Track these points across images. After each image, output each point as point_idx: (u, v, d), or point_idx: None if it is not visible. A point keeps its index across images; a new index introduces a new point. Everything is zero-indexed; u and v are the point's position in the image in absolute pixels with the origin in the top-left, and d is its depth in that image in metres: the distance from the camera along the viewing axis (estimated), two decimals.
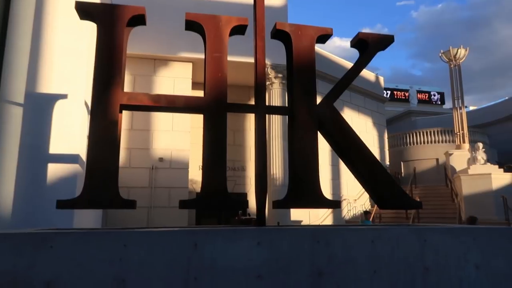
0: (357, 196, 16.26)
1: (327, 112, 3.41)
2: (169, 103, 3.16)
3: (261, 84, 3.37)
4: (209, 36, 3.28)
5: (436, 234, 2.95)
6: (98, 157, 2.93)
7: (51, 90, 4.91)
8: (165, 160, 10.36)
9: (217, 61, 3.26)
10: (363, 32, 3.68)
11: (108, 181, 2.92)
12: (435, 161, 19.18)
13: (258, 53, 3.41)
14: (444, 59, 17.93)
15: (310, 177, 3.22)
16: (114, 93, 3.02)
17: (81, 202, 2.86)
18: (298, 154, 3.25)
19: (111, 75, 3.05)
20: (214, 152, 3.11)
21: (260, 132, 3.22)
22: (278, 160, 10.95)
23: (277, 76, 10.91)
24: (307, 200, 3.22)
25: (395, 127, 27.82)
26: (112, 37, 3.11)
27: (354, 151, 3.42)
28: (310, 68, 3.51)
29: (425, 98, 41.19)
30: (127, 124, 10.39)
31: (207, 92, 3.20)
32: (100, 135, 2.97)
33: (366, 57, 3.65)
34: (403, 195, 3.46)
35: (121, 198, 2.95)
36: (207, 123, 3.14)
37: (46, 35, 5.06)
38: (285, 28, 3.49)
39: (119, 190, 2.97)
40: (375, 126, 17.76)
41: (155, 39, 10.10)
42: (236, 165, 13.51)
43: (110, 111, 2.99)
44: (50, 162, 4.90)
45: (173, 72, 10.63)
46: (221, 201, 3.04)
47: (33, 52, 4.86)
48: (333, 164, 15.06)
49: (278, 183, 10.89)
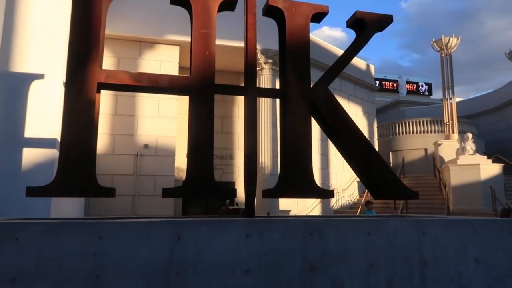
0: (346, 186, 16.22)
1: (321, 95, 3.20)
2: (151, 83, 2.91)
3: (251, 64, 3.13)
4: (196, 11, 3.02)
5: (435, 226, 2.79)
6: (73, 140, 2.68)
7: (27, 69, 4.58)
8: (151, 147, 10.06)
9: (205, 37, 3.01)
10: (360, 11, 3.46)
11: (83, 167, 2.66)
12: (424, 151, 19.22)
13: (249, 30, 3.16)
14: (436, 48, 17.84)
15: (302, 164, 3.03)
16: (90, 70, 2.75)
17: (53, 189, 2.61)
18: (290, 139, 3.05)
19: (87, 51, 2.78)
20: (200, 136, 2.88)
21: (250, 116, 2.99)
22: (267, 148, 10.75)
23: (267, 61, 10.64)
24: (299, 189, 3.03)
25: (384, 116, 27.86)
26: (88, 9, 2.83)
27: (349, 136, 3.24)
28: (304, 48, 3.28)
29: (413, 89, 41.42)
30: (110, 109, 10.04)
31: (193, 72, 2.95)
32: (75, 116, 2.70)
33: (364, 37, 3.44)
34: (399, 184, 3.29)
35: (98, 186, 2.70)
36: (193, 105, 2.91)
37: (21, 10, 4.70)
38: (278, 4, 3.24)
39: (102, 177, 2.72)
40: (365, 115, 17.67)
41: (141, 20, 9.71)
42: (224, 153, 13.27)
43: (86, 90, 2.73)
44: (25, 147, 4.60)
45: (159, 55, 10.27)
46: (207, 189, 2.82)
47: (6, 28, 4.52)
48: (322, 153, 14.95)
49: (267, 172, 10.71)
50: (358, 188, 16.67)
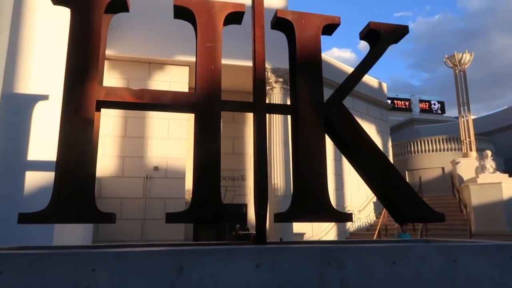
0: (362, 207, 15.75)
1: (336, 111, 2.98)
2: (154, 100, 2.73)
3: (260, 79, 2.94)
4: (201, 24, 2.87)
5: (467, 253, 2.49)
6: (69, 162, 2.49)
7: (30, 90, 4.50)
8: (160, 169, 9.89)
9: (210, 51, 2.85)
10: (374, 22, 3.27)
11: (80, 191, 2.47)
12: (441, 170, 18.68)
13: (257, 43, 2.99)
14: (449, 65, 17.54)
15: (317, 185, 2.79)
16: (89, 87, 2.59)
17: (47, 216, 2.41)
18: (303, 158, 2.82)
19: (86, 67, 2.62)
20: (206, 156, 2.68)
21: (260, 134, 2.78)
22: (280, 169, 10.48)
23: (278, 80, 10.51)
24: (315, 212, 2.78)
25: (398, 135, 27.42)
26: (88, 23, 2.69)
27: (366, 155, 2.99)
28: (316, 61, 3.09)
29: (426, 108, 40.97)
30: (120, 131, 9.96)
31: (198, 87, 2.77)
32: (72, 136, 2.53)
33: (378, 49, 3.24)
34: (423, 206, 3.01)
35: (97, 211, 2.50)
36: (198, 123, 2.72)
37: (26, 31, 4.66)
38: (287, 16, 3.08)
39: (111, 201, 2.52)
40: (379, 134, 17.32)
41: (150, 42, 9.72)
42: (236, 175, 13.03)
43: (84, 108, 2.56)
44: (28, 170, 4.46)
45: (168, 76, 10.24)
46: (214, 213, 2.59)
47: (11, 49, 4.46)
48: (336, 173, 14.58)
49: (280, 194, 10.40)
50: (375, 209, 16.18)
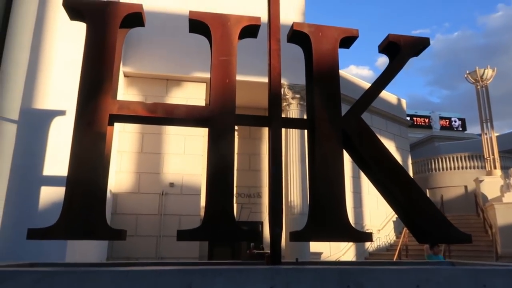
0: (381, 226, 15.33)
1: (354, 125, 2.87)
2: (167, 114, 2.68)
3: (276, 93, 2.87)
4: (215, 37, 2.83)
5: (498, 277, 2.31)
6: (80, 177, 2.45)
7: (47, 106, 4.54)
8: (176, 186, 9.86)
9: (225, 65, 2.80)
10: (393, 34, 3.18)
11: (91, 207, 2.41)
12: (464, 188, 18.11)
13: (273, 57, 2.93)
14: (470, 80, 17.19)
15: (335, 203, 2.66)
16: (102, 101, 2.56)
17: (56, 232, 2.36)
18: (320, 174, 2.70)
19: (100, 81, 2.60)
20: (219, 171, 2.60)
21: (275, 148, 2.69)
22: (296, 186, 10.31)
23: (295, 96, 10.44)
24: (332, 231, 2.65)
25: (418, 152, 26.86)
26: (102, 37, 2.68)
27: (387, 171, 2.86)
28: (333, 74, 3.01)
29: (446, 125, 40.20)
30: (137, 147, 10.02)
31: (212, 101, 2.72)
32: (84, 150, 2.49)
33: (398, 62, 3.14)
34: (448, 225, 2.84)
35: (107, 228, 2.44)
36: (212, 137, 2.65)
37: (45, 48, 4.75)
38: (304, 29, 3.02)
39: (126, 217, 2.47)
40: (398, 151, 16.99)
41: (167, 59, 9.84)
42: (252, 192, 12.89)
43: (97, 122, 2.53)
44: (43, 185, 4.46)
45: (185, 92, 10.31)
46: (226, 231, 2.49)
47: (31, 65, 4.54)
48: (354, 191, 14.28)
49: (297, 211, 10.20)
50: (395, 228, 15.73)
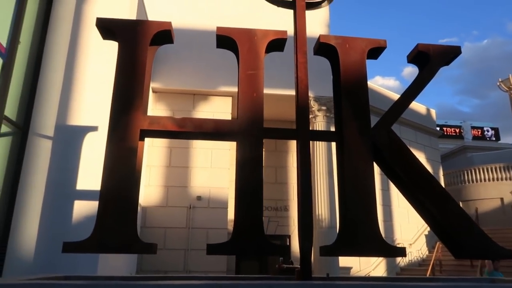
0: (413, 240, 14.85)
1: (384, 137, 2.82)
2: (196, 128, 2.72)
3: (303, 105, 2.86)
4: (243, 52, 2.86)
5: None
6: (113, 192, 2.50)
7: (81, 122, 4.71)
8: (203, 199, 9.92)
9: (252, 79, 2.82)
10: (422, 43, 3.12)
11: (123, 221, 2.46)
12: (500, 201, 17.35)
13: (300, 70, 2.94)
14: (503, 88, 16.65)
15: (366, 217, 2.60)
16: (133, 117, 2.63)
17: (89, 245, 2.41)
18: (350, 188, 2.66)
19: (131, 97, 2.67)
20: (248, 185, 2.60)
21: (304, 161, 2.67)
22: (324, 199, 10.16)
23: (321, 108, 10.38)
24: (364, 246, 2.58)
25: (449, 164, 26.00)
26: (134, 55, 2.76)
27: (419, 183, 2.78)
28: (361, 86, 2.97)
29: (478, 134, 38.84)
30: (165, 161, 10.18)
31: (240, 115, 2.73)
32: (116, 165, 2.55)
33: (428, 72, 3.07)
34: (487, 241, 2.72)
35: (138, 241, 2.47)
36: (240, 151, 2.66)
37: (78, 67, 4.94)
38: (330, 41, 3.01)
39: (155, 230, 2.50)
40: (429, 162, 16.50)
41: (194, 74, 10.02)
42: (279, 205, 12.79)
43: (129, 137, 2.59)
44: (77, 200, 4.59)
45: (212, 106, 10.44)
46: (255, 245, 2.47)
47: (65, 84, 4.73)
48: (384, 203, 13.93)
49: (324, 225, 10.03)
50: (427, 242, 15.20)
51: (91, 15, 5.44)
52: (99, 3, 5.61)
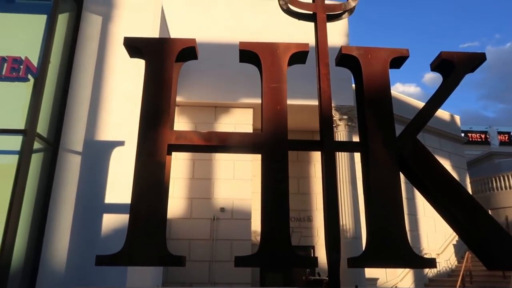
0: (440, 250, 14.45)
1: (410, 146, 2.80)
2: (221, 142, 2.77)
3: (327, 116, 2.88)
4: (265, 65, 2.91)
5: None
6: (143, 205, 2.57)
7: (108, 137, 4.86)
8: (227, 210, 9.99)
9: (275, 92, 2.86)
10: (446, 51, 3.10)
11: (153, 234, 2.52)
12: None
13: (322, 81, 2.96)
14: None
15: (394, 227, 2.58)
16: (161, 132, 2.70)
17: (122, 258, 2.47)
18: (377, 198, 2.65)
19: (158, 113, 2.75)
20: (274, 197, 2.62)
21: (329, 173, 2.68)
22: (348, 209, 10.05)
23: (342, 118, 10.35)
24: (392, 256, 2.56)
25: (476, 170, 25.27)
26: (160, 72, 2.85)
27: (447, 193, 2.75)
28: (385, 96, 2.97)
29: (505, 140, 37.69)
30: (188, 173, 10.32)
31: (264, 128, 2.77)
32: (146, 179, 2.62)
33: (453, 80, 3.04)
34: None
35: (168, 254, 2.52)
36: (265, 163, 2.69)
37: (106, 83, 5.12)
38: (352, 52, 3.03)
39: (180, 242, 2.56)
40: (455, 169, 16.12)
41: (215, 87, 10.20)
42: (302, 215, 12.73)
43: (157, 152, 2.66)
44: (106, 213, 4.71)
45: (233, 118, 10.57)
46: (283, 257, 2.49)
47: (93, 100, 4.90)
48: (410, 213, 13.66)
49: (349, 235, 9.91)
50: (456, 252, 14.77)
51: (117, 34, 5.65)
52: (123, 23, 5.82)
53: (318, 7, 3.19)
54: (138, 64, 2.85)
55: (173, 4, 10.65)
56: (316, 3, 3.22)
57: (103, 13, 5.95)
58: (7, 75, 5.15)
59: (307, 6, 3.22)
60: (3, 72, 5.16)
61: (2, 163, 4.97)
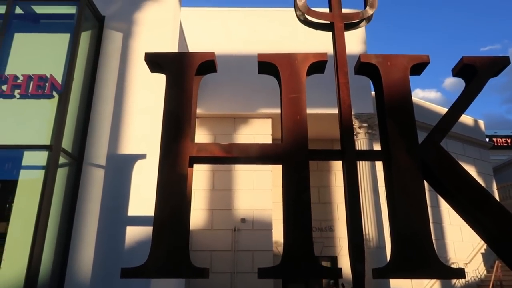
0: (468, 259, 14.01)
1: (433, 154, 2.75)
2: (242, 153, 2.78)
3: (347, 125, 2.86)
4: (284, 76, 2.93)
5: None
6: (166, 218, 2.59)
7: (130, 150, 4.96)
8: (248, 221, 9.97)
9: (295, 102, 2.86)
10: (467, 56, 3.05)
11: (176, 246, 2.53)
12: None
13: (342, 90, 2.95)
14: None
15: (420, 237, 2.52)
16: (182, 144, 2.74)
17: (146, 270, 2.49)
18: (401, 207, 2.60)
19: (180, 126, 2.79)
20: (296, 207, 2.61)
21: (351, 182, 2.65)
22: (371, 218, 9.88)
23: (362, 125, 10.25)
24: (419, 267, 2.50)
25: (503, 176, 24.53)
26: (181, 86, 2.90)
27: (474, 201, 2.68)
28: (406, 103, 2.93)
29: None
30: (208, 185, 10.38)
31: (284, 138, 2.77)
32: (168, 192, 2.65)
33: (476, 85, 2.98)
34: None
35: (191, 266, 2.53)
36: (286, 174, 2.69)
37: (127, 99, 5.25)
38: (371, 60, 3.00)
39: (201, 253, 2.57)
40: (480, 175, 15.68)
41: (233, 98, 10.30)
42: (323, 225, 12.57)
43: (179, 164, 2.69)
44: (129, 225, 4.78)
45: (252, 129, 10.62)
46: (307, 268, 2.46)
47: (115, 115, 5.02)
48: (435, 221, 13.33)
49: (373, 245, 9.72)
50: (484, 261, 14.29)
51: (137, 50, 5.80)
52: (143, 39, 5.97)
53: (336, 17, 3.20)
54: (158, 79, 2.91)
55: (191, 18, 10.85)
56: (334, 12, 3.22)
57: (124, 30, 6.12)
58: (33, 92, 5.34)
59: (324, 16, 3.22)
60: (29, 90, 5.35)
61: (29, 178, 5.12)
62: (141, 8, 6.27)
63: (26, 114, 5.36)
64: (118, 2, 6.36)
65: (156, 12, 6.24)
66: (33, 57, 5.76)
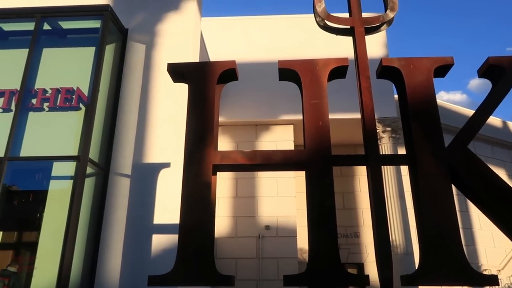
0: (501, 265, 13.50)
1: (460, 157, 2.68)
2: (265, 160, 2.79)
3: (371, 130, 2.83)
4: (305, 82, 2.92)
5: None
6: (191, 225, 2.62)
7: (154, 159, 5.05)
8: (272, 228, 9.93)
9: (317, 108, 2.85)
10: (493, 56, 2.97)
11: (202, 254, 2.56)
12: None
13: (364, 95, 2.92)
14: None
15: (449, 243, 2.46)
16: (206, 153, 2.77)
17: (173, 278, 2.52)
18: (429, 212, 2.54)
19: (203, 134, 2.83)
20: (321, 214, 2.59)
21: (376, 187, 2.61)
22: (397, 223, 9.67)
23: (386, 130, 10.09)
24: (449, 273, 2.43)
25: None
26: (203, 94, 2.94)
27: (506, 205, 2.59)
28: (430, 106, 2.88)
29: None
30: (232, 192, 10.41)
31: (307, 144, 2.76)
32: (193, 200, 2.68)
33: (504, 85, 2.90)
34: None
35: (217, 273, 2.54)
36: (310, 180, 2.67)
37: (151, 109, 5.37)
38: (394, 64, 2.97)
39: (226, 261, 2.58)
40: (511, 178, 15.15)
41: (255, 105, 10.34)
42: (349, 232, 12.39)
43: (203, 173, 2.72)
44: (154, 234, 4.85)
45: (274, 135, 10.62)
46: (333, 275, 2.43)
47: (140, 125, 5.13)
48: (464, 226, 12.92)
49: (400, 251, 9.50)
50: None
51: (159, 60, 5.93)
52: (165, 49, 6.10)
53: (356, 21, 3.18)
54: (180, 88, 2.97)
55: (211, 28, 11.00)
56: (354, 17, 3.20)
57: (146, 42, 6.28)
58: (61, 105, 5.53)
59: (344, 21, 3.21)
60: (57, 103, 5.55)
61: (57, 188, 5.29)
62: (162, 20, 6.42)
63: (55, 126, 5.55)
64: (141, 15, 6.53)
65: (177, 24, 6.37)
66: (60, 71, 5.97)
